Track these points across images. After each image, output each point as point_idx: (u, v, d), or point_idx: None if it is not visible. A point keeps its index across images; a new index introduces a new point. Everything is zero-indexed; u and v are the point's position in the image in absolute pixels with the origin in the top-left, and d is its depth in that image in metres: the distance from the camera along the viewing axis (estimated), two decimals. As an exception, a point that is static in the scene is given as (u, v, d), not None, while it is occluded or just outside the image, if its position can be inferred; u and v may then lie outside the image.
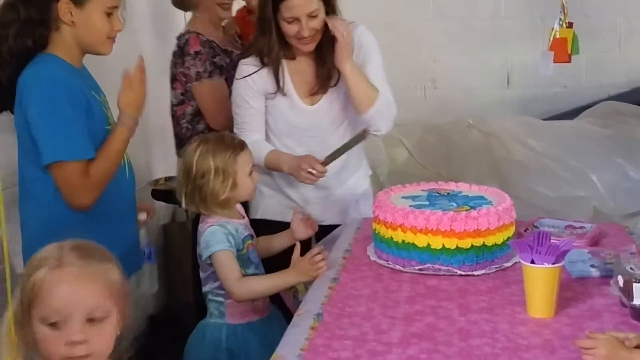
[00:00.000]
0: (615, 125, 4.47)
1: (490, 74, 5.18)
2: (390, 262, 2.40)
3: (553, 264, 1.98)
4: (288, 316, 2.18)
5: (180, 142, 3.24)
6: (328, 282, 2.30)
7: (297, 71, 2.88)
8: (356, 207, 3.07)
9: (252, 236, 2.60)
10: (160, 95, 3.86)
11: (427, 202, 2.49)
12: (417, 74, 5.01)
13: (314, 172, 2.74)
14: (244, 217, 2.62)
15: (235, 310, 2.53)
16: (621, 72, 4.92)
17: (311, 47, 2.80)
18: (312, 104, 2.91)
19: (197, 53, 3.18)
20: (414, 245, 2.33)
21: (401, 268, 2.36)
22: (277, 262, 2.58)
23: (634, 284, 1.96)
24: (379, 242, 2.46)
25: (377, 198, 2.52)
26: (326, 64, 2.84)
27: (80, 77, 2.47)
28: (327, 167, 2.78)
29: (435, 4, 5.16)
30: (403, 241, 2.35)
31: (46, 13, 2.38)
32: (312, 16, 2.70)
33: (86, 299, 1.53)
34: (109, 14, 2.45)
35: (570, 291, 2.15)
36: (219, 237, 2.45)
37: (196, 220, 2.78)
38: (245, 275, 2.48)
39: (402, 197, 2.56)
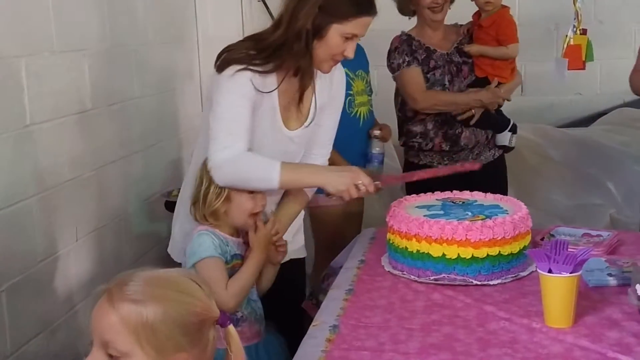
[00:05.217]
0: (631, 132, 4.45)
1: (504, 81, 5.15)
2: (405, 273, 2.39)
3: (571, 273, 1.96)
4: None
5: (399, 128, 3.68)
6: (343, 293, 2.29)
7: (286, 93, 2.51)
8: (294, 241, 2.76)
9: (241, 256, 2.47)
10: (169, 107, 3.88)
11: (441, 212, 2.48)
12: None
13: (362, 189, 2.40)
14: (239, 236, 2.51)
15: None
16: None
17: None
18: (293, 129, 2.56)
19: (396, 48, 3.57)
20: (429, 255, 2.31)
21: (416, 278, 2.35)
22: None
23: (653, 293, 1.95)
24: (394, 252, 2.44)
25: (392, 208, 2.50)
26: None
27: None
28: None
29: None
30: (418, 251, 2.33)
31: None
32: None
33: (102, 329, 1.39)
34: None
35: (588, 300, 2.13)
36: (208, 243, 2.36)
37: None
38: None
39: (417, 207, 2.54)
